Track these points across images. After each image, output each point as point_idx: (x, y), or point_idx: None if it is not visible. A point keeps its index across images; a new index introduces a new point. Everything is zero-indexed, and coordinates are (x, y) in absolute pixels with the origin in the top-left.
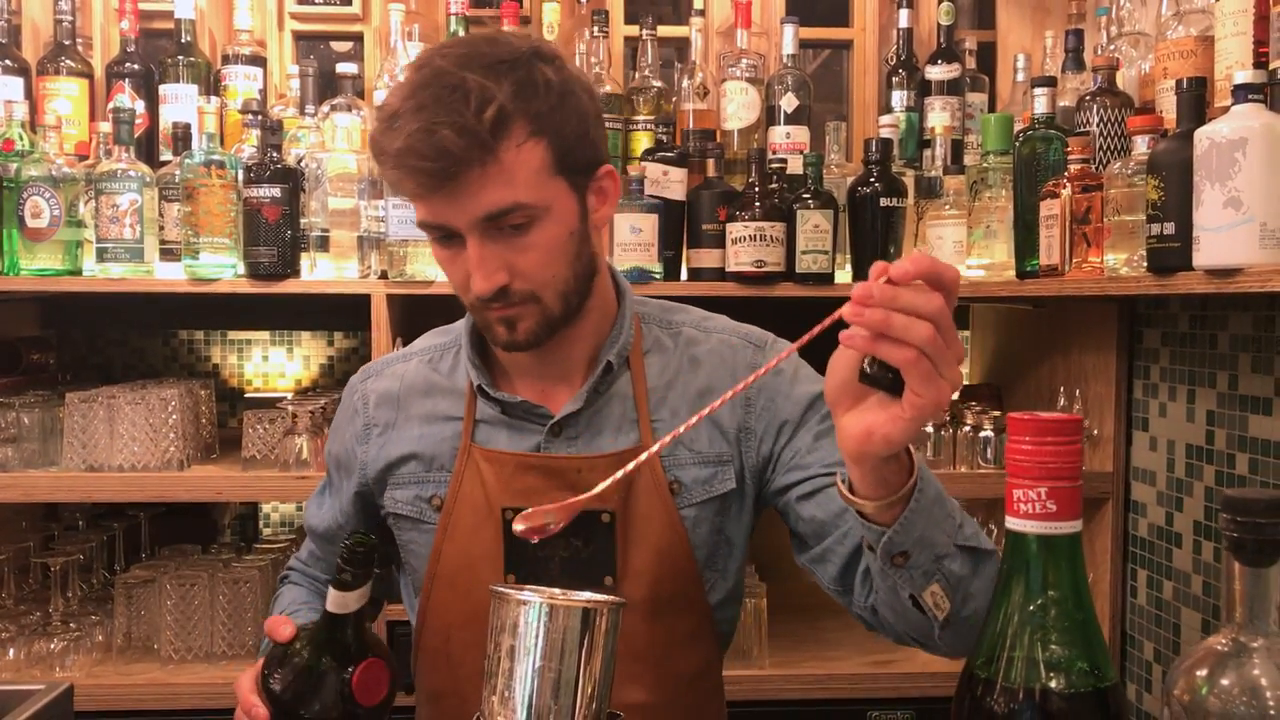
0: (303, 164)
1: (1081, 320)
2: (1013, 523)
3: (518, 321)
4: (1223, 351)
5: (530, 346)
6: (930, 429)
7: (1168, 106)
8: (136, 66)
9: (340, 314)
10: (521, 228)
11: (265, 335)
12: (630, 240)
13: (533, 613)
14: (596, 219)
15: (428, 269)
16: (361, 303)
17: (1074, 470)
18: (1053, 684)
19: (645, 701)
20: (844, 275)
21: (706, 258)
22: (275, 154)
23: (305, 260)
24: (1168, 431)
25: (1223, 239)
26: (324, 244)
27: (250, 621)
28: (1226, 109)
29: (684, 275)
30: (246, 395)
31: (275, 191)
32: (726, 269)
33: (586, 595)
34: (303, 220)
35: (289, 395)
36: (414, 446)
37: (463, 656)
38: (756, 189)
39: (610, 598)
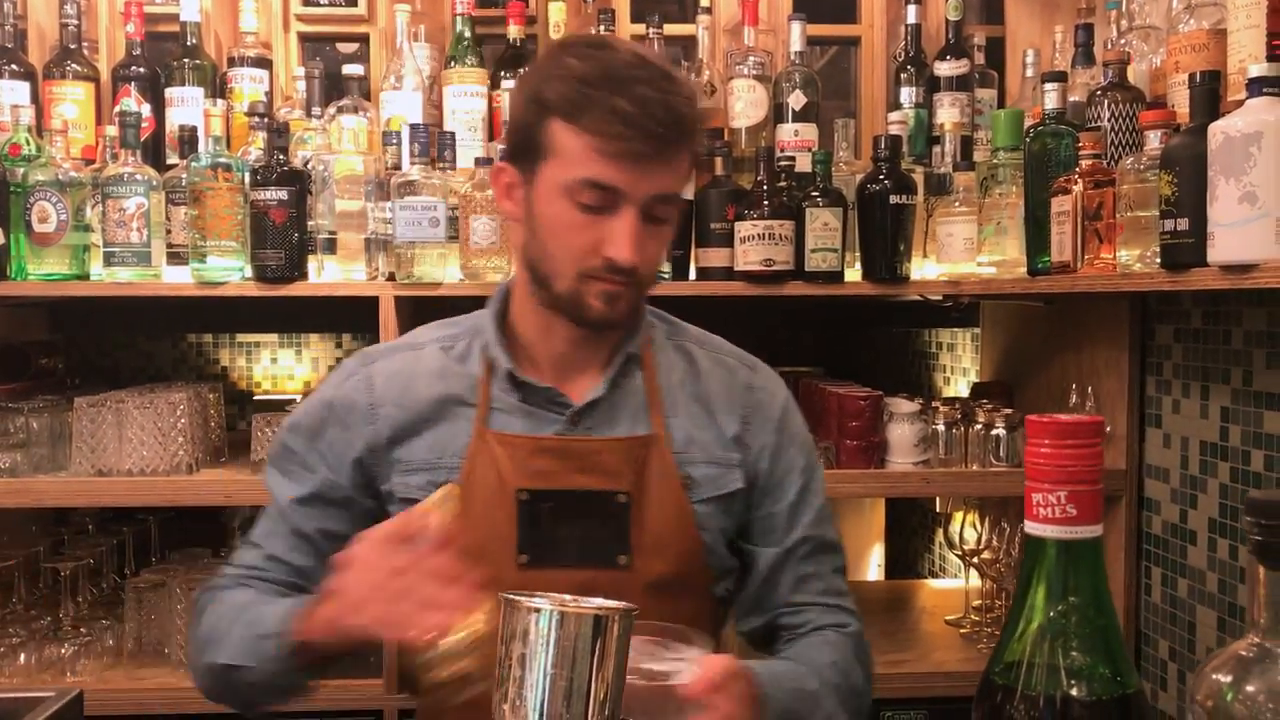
0: (309, 166)
1: (1093, 317)
2: (1032, 527)
3: (619, 299)
4: (1237, 348)
5: (615, 325)
6: (942, 427)
7: (1180, 101)
8: (142, 70)
9: (348, 316)
10: (660, 218)
11: (274, 338)
12: None
13: (544, 620)
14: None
15: (435, 270)
16: (369, 305)
17: (1094, 473)
18: (1074, 691)
19: None
20: (853, 274)
21: (715, 257)
22: (282, 156)
23: (312, 263)
24: (1181, 428)
25: (1237, 234)
26: (331, 246)
27: None
28: (1240, 103)
29: (692, 275)
30: (256, 398)
31: (282, 194)
32: (735, 268)
33: (598, 602)
34: (310, 223)
35: (298, 398)
36: (426, 430)
37: None
38: (765, 187)
39: (622, 604)
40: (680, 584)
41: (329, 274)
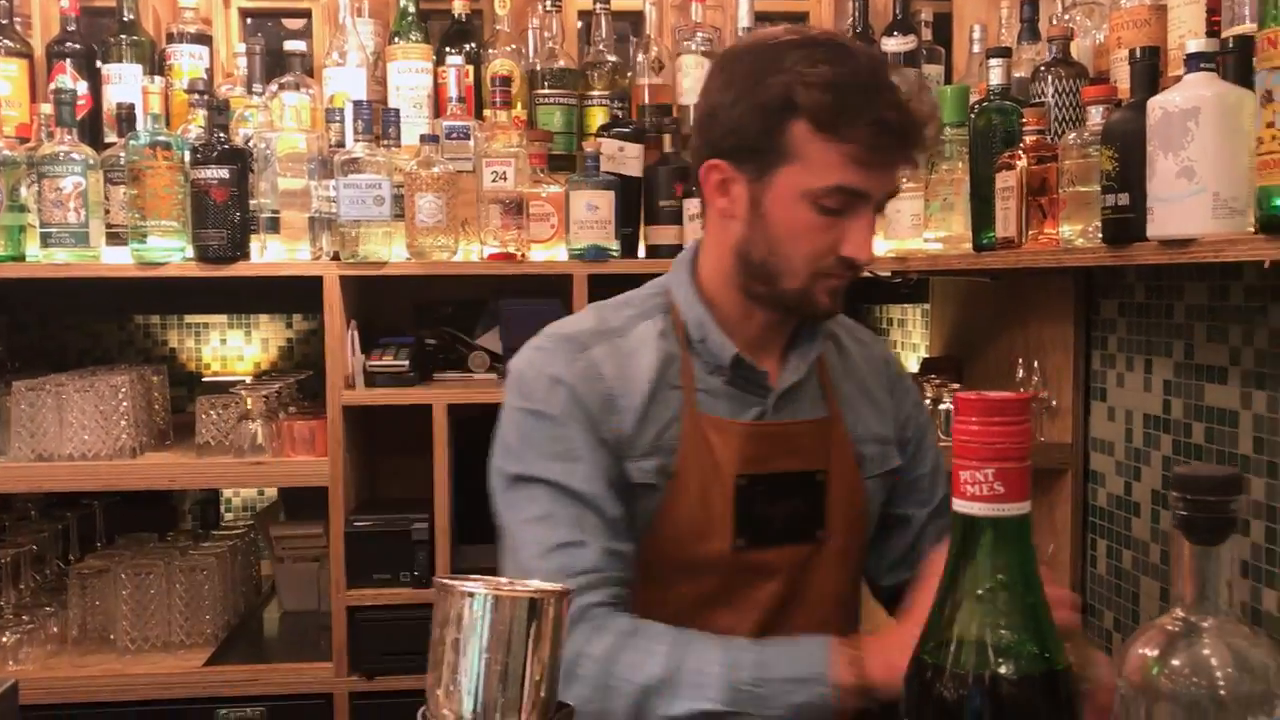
0: (251, 144)
1: (1039, 291)
2: (960, 505)
3: (839, 293)
4: (1179, 321)
5: (833, 315)
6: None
7: (1122, 76)
8: (78, 46)
9: (296, 296)
10: (884, 204)
11: (223, 319)
12: (587, 218)
13: (478, 604)
14: None
15: (380, 249)
16: (316, 285)
17: (1022, 451)
18: (1002, 669)
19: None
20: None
21: (664, 234)
22: (222, 134)
23: (256, 243)
24: (1125, 401)
25: (1176, 209)
26: (274, 225)
27: (208, 610)
28: (1180, 78)
29: (641, 252)
30: (205, 379)
31: (223, 172)
32: (685, 246)
33: (534, 584)
34: (252, 202)
35: (247, 379)
36: (648, 413)
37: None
38: None
39: (558, 586)
40: (856, 552)
41: (272, 254)
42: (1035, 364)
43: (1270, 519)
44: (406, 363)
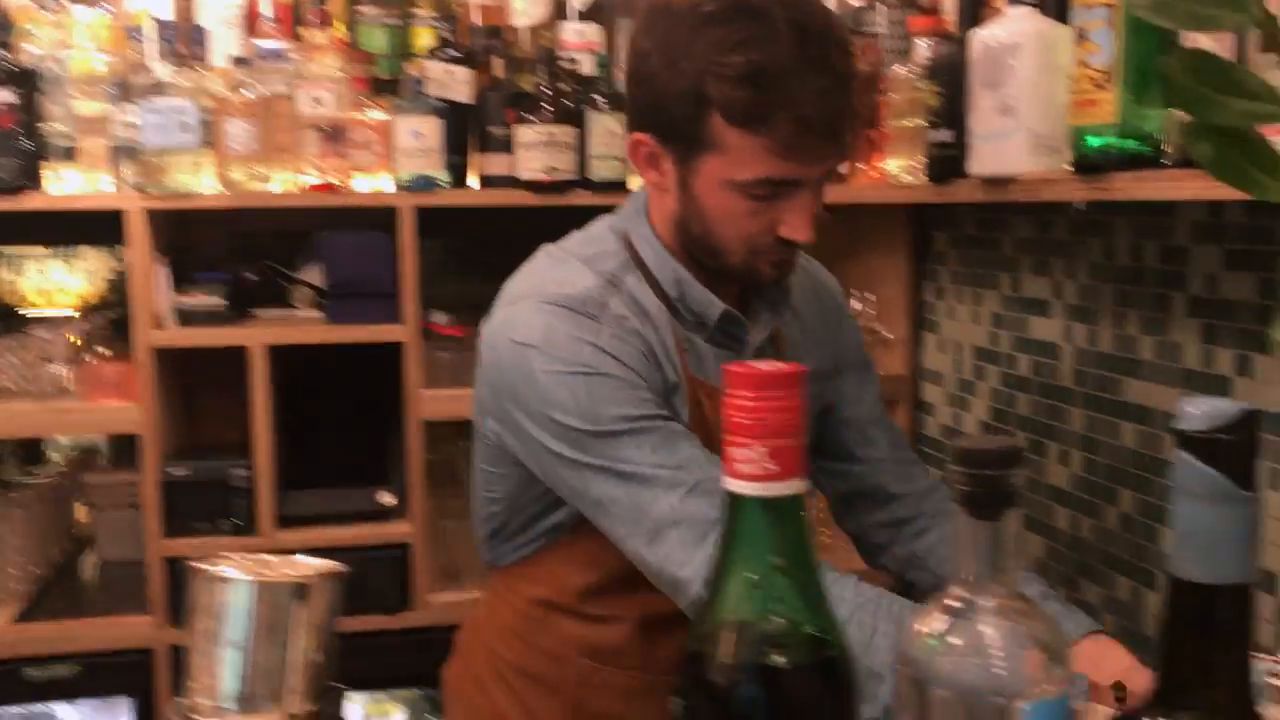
0: (41, 64)
1: (874, 224)
2: (731, 484)
3: (787, 263)
4: (1006, 254)
5: (782, 280)
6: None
7: (951, 9)
8: None
9: (105, 229)
10: (828, 179)
11: (42, 250)
12: (411, 146)
13: (238, 591)
14: None
15: (188, 180)
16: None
17: (796, 427)
18: (776, 656)
19: None
20: (639, 182)
21: (496, 164)
22: (5, 52)
23: (50, 172)
24: (956, 334)
25: (996, 147)
26: (70, 154)
27: (14, 564)
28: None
29: (474, 183)
30: (26, 314)
31: (8, 95)
32: (517, 176)
33: (304, 565)
34: (44, 127)
35: (74, 314)
36: (653, 378)
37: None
38: (546, 91)
39: (329, 565)
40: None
41: (69, 184)
42: (869, 296)
43: (1089, 449)
44: (222, 300)
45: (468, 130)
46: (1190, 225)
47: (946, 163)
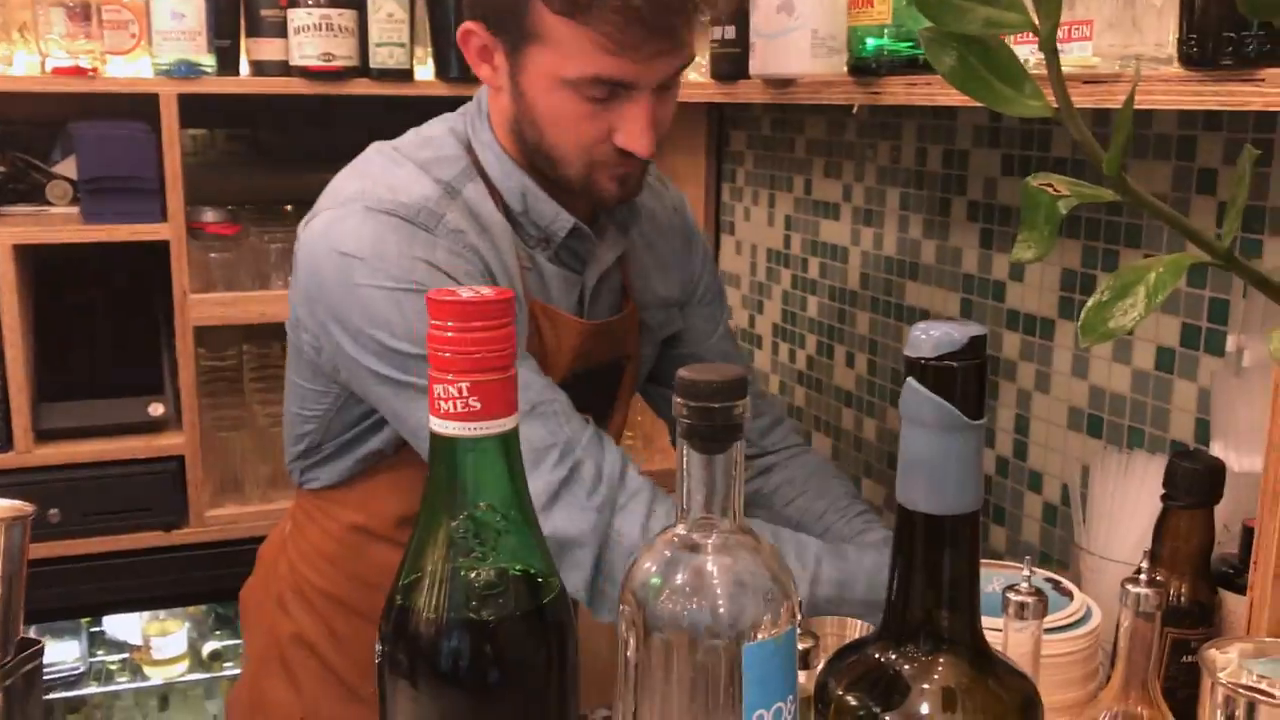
0: None
1: (676, 123)
2: (435, 424)
3: (631, 178)
4: (800, 156)
5: (628, 200)
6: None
7: None
8: None
9: None
10: (670, 86)
11: None
12: (172, 28)
13: None
14: None
15: None
16: None
17: (504, 359)
18: (489, 602)
19: None
20: (425, 71)
21: (268, 49)
22: None
23: None
24: (751, 235)
25: (777, 46)
26: None
27: None
28: None
29: (245, 70)
30: None
31: None
32: (291, 63)
33: None
34: None
35: None
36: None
37: None
38: None
39: (13, 507)
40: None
41: None
42: None
43: (871, 351)
44: None
45: (236, 11)
46: (972, 130)
47: (731, 60)
